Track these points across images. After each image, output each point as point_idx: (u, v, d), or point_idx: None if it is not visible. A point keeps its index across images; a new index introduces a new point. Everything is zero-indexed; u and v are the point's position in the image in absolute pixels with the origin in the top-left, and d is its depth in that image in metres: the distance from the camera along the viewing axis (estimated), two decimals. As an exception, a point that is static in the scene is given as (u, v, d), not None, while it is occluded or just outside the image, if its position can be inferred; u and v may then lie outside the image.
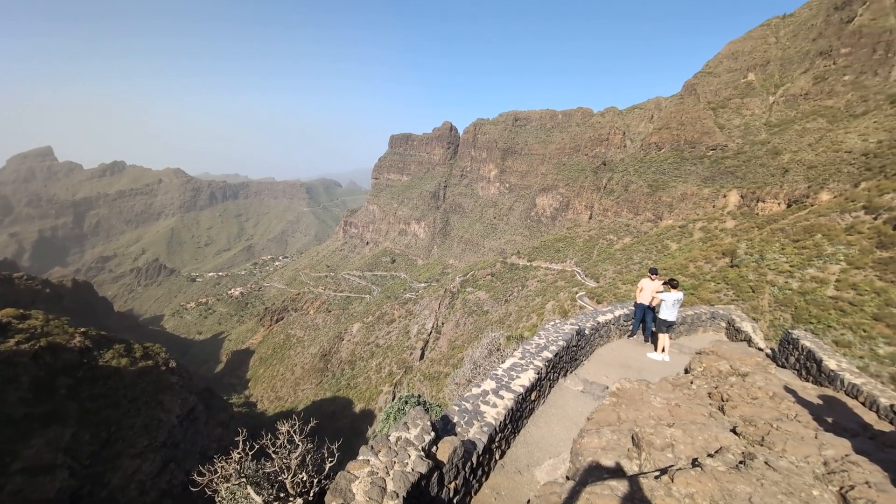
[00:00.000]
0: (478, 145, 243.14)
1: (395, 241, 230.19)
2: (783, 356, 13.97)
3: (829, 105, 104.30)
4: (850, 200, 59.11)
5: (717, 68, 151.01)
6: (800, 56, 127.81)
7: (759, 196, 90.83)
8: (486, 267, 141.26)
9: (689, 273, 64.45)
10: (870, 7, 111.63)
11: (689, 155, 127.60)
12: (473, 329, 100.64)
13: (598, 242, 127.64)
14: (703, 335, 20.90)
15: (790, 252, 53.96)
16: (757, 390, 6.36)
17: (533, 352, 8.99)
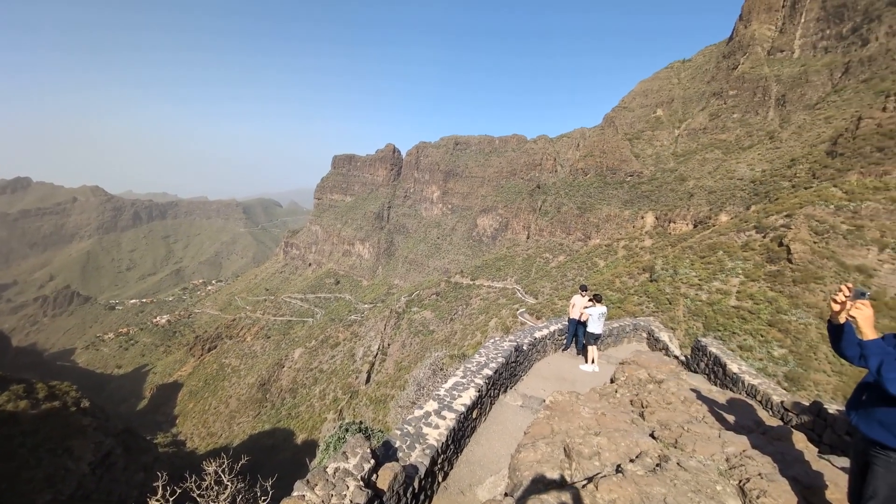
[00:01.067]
0: (421, 167, 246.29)
1: (339, 262, 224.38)
2: (695, 362, 15.16)
3: (723, 139, 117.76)
4: (743, 221, 66.49)
5: (631, 104, 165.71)
6: (698, 95, 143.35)
7: (671, 217, 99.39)
8: (431, 286, 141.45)
9: (616, 288, 68.58)
10: (749, 57, 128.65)
11: (612, 180, 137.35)
12: (419, 349, 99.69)
13: (535, 261, 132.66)
14: (628, 345, 22.03)
15: (698, 267, 59.18)
16: (671, 396, 6.89)
17: (474, 370, 9.08)
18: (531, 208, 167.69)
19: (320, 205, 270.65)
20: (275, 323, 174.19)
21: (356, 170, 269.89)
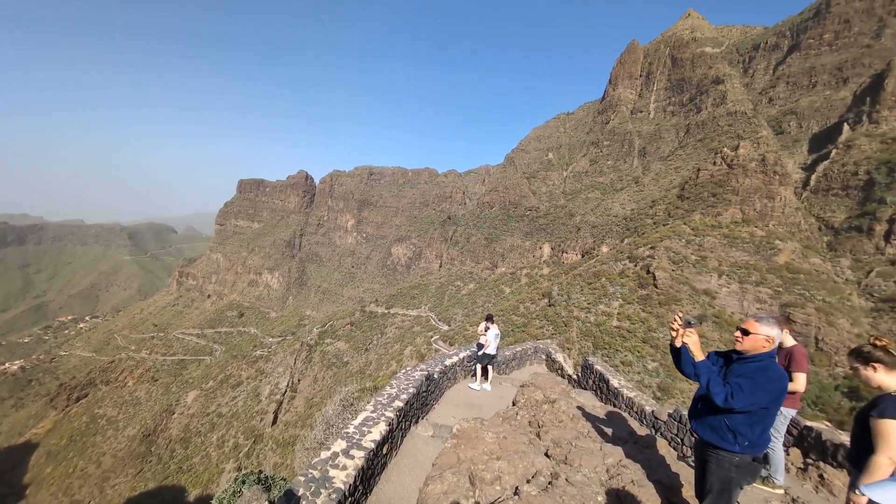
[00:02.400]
0: (335, 195, 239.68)
1: (244, 293, 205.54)
2: (585, 379, 16.45)
3: (601, 181, 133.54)
4: (619, 252, 75.22)
5: (527, 147, 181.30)
6: (580, 143, 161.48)
7: (564, 248, 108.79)
8: (346, 316, 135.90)
9: (521, 313, 72.28)
10: (617, 115, 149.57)
11: (514, 213, 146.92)
12: (333, 382, 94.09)
13: (448, 289, 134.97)
14: (530, 367, 23.09)
15: (587, 292, 65.01)
16: (562, 414, 7.43)
17: (385, 403, 8.85)
18: (443, 238, 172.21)
19: (223, 231, 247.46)
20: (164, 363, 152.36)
21: (265, 195, 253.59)
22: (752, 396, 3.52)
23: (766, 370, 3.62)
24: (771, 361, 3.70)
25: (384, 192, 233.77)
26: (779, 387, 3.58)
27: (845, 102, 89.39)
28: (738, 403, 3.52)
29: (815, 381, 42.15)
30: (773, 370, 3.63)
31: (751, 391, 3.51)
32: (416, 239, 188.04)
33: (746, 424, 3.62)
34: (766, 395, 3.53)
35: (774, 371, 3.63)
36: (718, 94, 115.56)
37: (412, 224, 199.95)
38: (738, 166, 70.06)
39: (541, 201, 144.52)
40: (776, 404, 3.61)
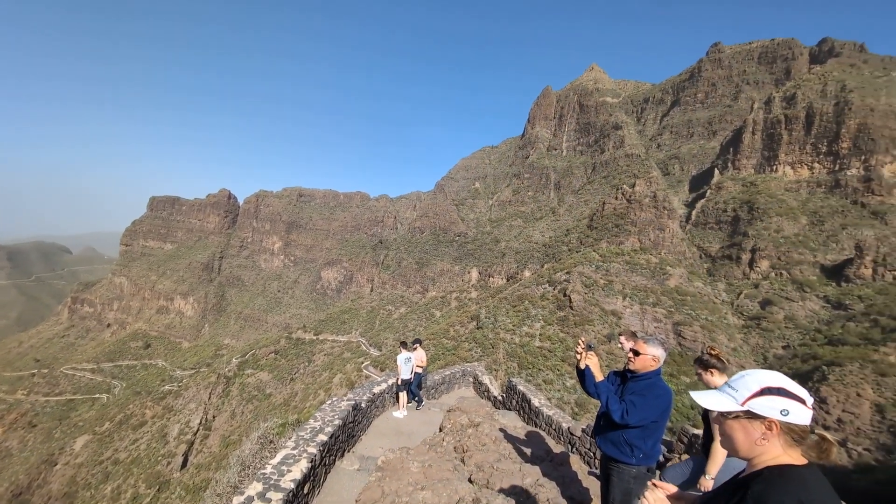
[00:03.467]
0: (261, 217, 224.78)
1: (152, 321, 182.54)
2: (509, 400, 16.78)
3: (523, 210, 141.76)
4: (540, 276, 79.48)
5: (456, 175, 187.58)
6: (503, 175, 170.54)
7: (490, 272, 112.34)
8: (270, 344, 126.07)
9: (451, 336, 72.52)
10: (535, 151, 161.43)
11: (443, 239, 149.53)
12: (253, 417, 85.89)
13: (379, 313, 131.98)
14: (458, 391, 23.00)
15: (512, 315, 67.31)
16: (485, 437, 7.54)
17: (308, 437, 8.21)
18: (374, 262, 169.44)
19: (129, 252, 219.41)
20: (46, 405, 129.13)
21: (181, 214, 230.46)
22: (643, 412, 3.80)
23: (654, 387, 3.94)
24: (658, 379, 4.02)
25: (314, 215, 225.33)
26: (665, 401, 3.91)
27: (715, 151, 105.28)
28: (632, 419, 3.81)
29: (691, 387, 47.18)
30: (659, 387, 3.95)
31: (642, 407, 3.80)
32: (348, 262, 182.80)
33: (640, 438, 3.94)
34: (655, 410, 3.88)
35: (661, 388, 3.95)
36: (618, 138, 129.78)
37: (343, 247, 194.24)
38: (635, 201, 78.38)
39: (469, 227, 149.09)
40: (664, 417, 3.96)
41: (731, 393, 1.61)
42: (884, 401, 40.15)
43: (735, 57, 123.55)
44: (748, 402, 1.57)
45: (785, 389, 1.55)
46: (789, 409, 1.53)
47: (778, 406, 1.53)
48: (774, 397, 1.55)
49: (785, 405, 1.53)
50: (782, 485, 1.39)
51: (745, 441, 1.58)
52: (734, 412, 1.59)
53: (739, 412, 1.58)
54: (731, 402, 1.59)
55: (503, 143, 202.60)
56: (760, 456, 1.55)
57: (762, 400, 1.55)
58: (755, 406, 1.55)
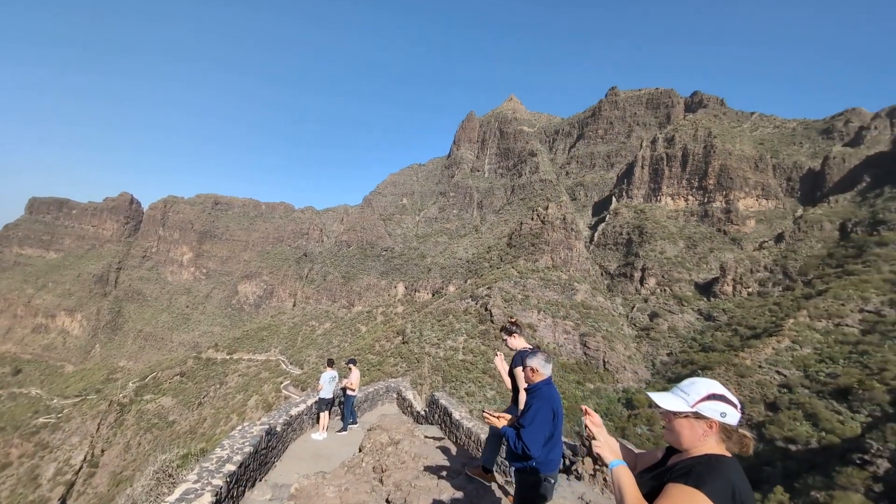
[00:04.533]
0: (169, 224, 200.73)
1: (25, 343, 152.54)
2: (431, 415, 16.86)
3: (448, 227, 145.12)
4: (464, 291, 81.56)
5: (384, 191, 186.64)
6: (430, 192, 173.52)
7: (416, 287, 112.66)
8: (175, 365, 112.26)
9: (376, 351, 70.93)
10: (460, 171, 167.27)
11: (370, 253, 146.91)
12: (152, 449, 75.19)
13: (301, 329, 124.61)
14: (382, 408, 22.50)
15: (437, 329, 67.94)
16: (405, 455, 7.58)
17: (213, 468, 7.44)
18: (298, 275, 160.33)
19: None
20: None
21: (70, 219, 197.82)
22: (535, 438, 3.94)
23: (540, 398, 4.14)
24: (547, 388, 4.20)
25: (232, 224, 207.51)
26: (547, 413, 4.03)
27: (613, 180, 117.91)
28: (534, 451, 3.95)
29: (604, 396, 51.61)
30: (543, 397, 4.11)
31: (533, 433, 3.93)
32: (268, 276, 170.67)
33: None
34: (545, 427, 4.01)
35: (544, 398, 4.12)
36: (534, 164, 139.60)
37: (264, 260, 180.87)
38: (548, 223, 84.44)
39: (396, 242, 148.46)
40: (557, 426, 4.12)
41: (682, 396, 1.90)
42: (743, 398, 47.28)
43: (628, 100, 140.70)
44: (697, 405, 1.86)
45: (724, 396, 1.87)
46: (727, 412, 1.84)
47: (719, 409, 1.84)
48: (717, 402, 1.85)
49: (724, 409, 1.85)
50: (719, 469, 1.71)
51: (689, 436, 1.87)
52: (685, 412, 1.87)
53: (689, 413, 1.86)
54: (683, 404, 1.87)
55: (430, 162, 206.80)
56: (699, 448, 1.86)
57: (708, 404, 1.85)
58: (702, 408, 1.85)
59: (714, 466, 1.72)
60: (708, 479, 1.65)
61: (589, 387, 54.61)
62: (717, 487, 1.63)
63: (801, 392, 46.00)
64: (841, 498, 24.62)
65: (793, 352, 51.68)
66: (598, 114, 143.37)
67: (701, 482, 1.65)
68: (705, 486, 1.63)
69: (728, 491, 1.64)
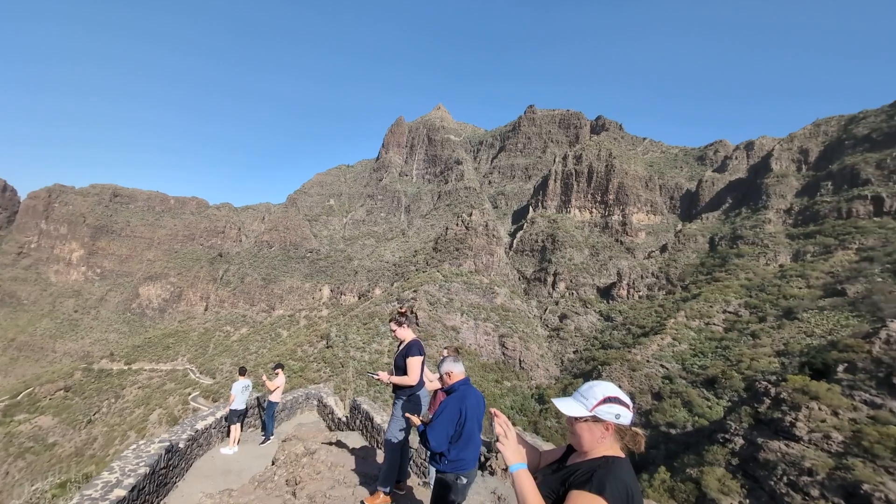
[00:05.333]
0: (54, 217, 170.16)
1: None
2: (353, 420, 16.50)
3: (376, 230, 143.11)
4: (390, 294, 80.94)
5: (310, 190, 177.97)
6: (358, 194, 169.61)
7: (342, 290, 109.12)
8: (58, 379, 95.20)
9: (298, 356, 67.22)
10: (388, 175, 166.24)
11: (294, 254, 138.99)
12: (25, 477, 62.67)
13: (214, 335, 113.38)
14: (301, 416, 21.38)
15: (362, 332, 66.51)
16: (320, 464, 7.34)
17: (98, 496, 6.51)
18: (211, 277, 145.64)
19: None
20: None
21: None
22: (439, 435, 3.97)
23: (452, 398, 4.18)
24: (463, 389, 4.23)
25: (134, 219, 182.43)
26: (456, 406, 4.04)
27: (530, 191, 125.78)
28: (435, 446, 3.99)
29: (519, 393, 54.57)
30: (455, 398, 4.15)
31: (438, 430, 3.97)
32: (176, 277, 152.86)
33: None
34: (450, 425, 4.01)
35: (456, 398, 4.15)
36: (459, 172, 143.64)
37: (171, 259, 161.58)
38: (472, 229, 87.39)
39: (322, 244, 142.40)
40: (469, 426, 4.08)
41: (582, 401, 1.96)
42: (634, 389, 53.03)
43: (544, 119, 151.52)
44: (595, 408, 1.92)
45: (619, 398, 1.94)
46: (621, 413, 1.92)
47: (614, 412, 1.91)
48: (612, 405, 1.92)
49: (618, 411, 1.92)
50: (615, 470, 1.79)
51: (589, 439, 1.94)
52: (584, 417, 1.93)
53: (588, 417, 1.93)
54: (582, 409, 1.94)
55: (359, 164, 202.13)
56: (597, 449, 1.93)
57: (604, 407, 1.92)
58: (599, 412, 1.91)
59: (612, 469, 1.80)
60: (608, 484, 1.72)
61: (506, 385, 57.40)
62: (615, 489, 1.71)
63: (680, 382, 53.03)
64: (708, 472, 27.69)
65: (673, 347, 59.49)
66: (518, 129, 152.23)
67: (602, 488, 1.71)
68: (606, 492, 1.69)
69: (624, 492, 1.73)
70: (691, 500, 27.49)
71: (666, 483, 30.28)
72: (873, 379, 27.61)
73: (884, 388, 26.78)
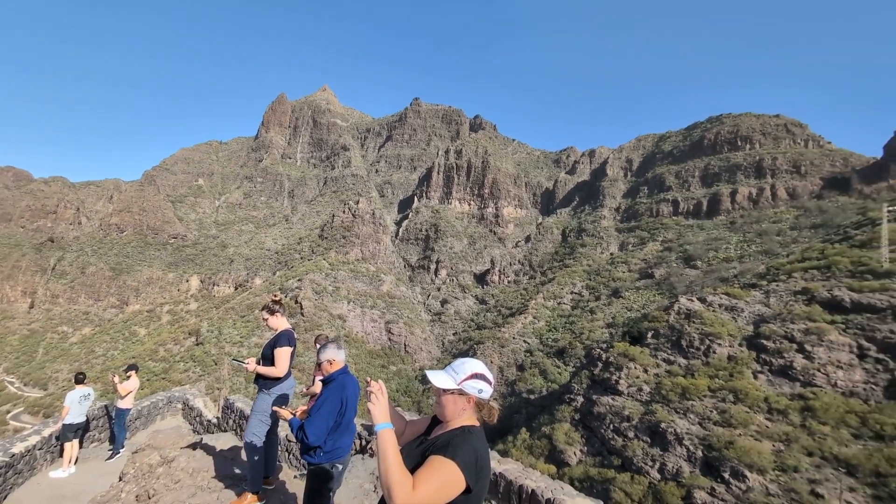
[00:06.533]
0: None
1: None
2: (226, 421, 15.58)
3: (255, 215, 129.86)
4: (272, 284, 75.35)
5: (173, 167, 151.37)
6: (234, 175, 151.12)
7: (215, 281, 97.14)
8: None
9: (160, 357, 58.54)
10: (269, 156, 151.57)
11: (153, 241, 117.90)
12: None
13: (45, 337, 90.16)
14: (162, 423, 19.33)
15: (240, 326, 60.97)
16: (180, 472, 6.64)
17: None
18: (39, 268, 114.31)
19: None
20: None
21: None
22: (318, 428, 3.72)
23: (333, 388, 3.91)
24: (342, 378, 3.98)
25: None
26: (338, 397, 3.84)
27: (415, 182, 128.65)
28: (313, 440, 3.73)
29: (405, 375, 56.87)
30: (336, 388, 3.90)
31: (316, 424, 3.71)
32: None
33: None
34: (331, 416, 3.80)
35: (337, 388, 3.90)
36: (346, 158, 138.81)
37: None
38: (358, 217, 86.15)
39: (189, 229, 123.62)
40: (347, 415, 3.93)
41: (452, 375, 2.06)
42: (502, 363, 59.56)
43: (429, 112, 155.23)
44: (462, 382, 2.02)
45: (484, 375, 2.04)
46: (483, 389, 2.02)
47: (478, 387, 2.02)
48: (477, 381, 2.03)
49: (481, 386, 2.02)
50: (469, 439, 1.93)
51: (452, 410, 2.04)
52: (452, 389, 2.04)
53: (455, 390, 2.03)
54: (451, 382, 2.03)
55: (234, 142, 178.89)
56: (458, 420, 2.05)
57: (471, 382, 2.02)
58: (465, 386, 2.01)
59: (466, 438, 1.94)
60: (460, 450, 1.86)
61: (392, 369, 59.23)
62: (466, 455, 1.85)
63: (538, 354, 61.06)
64: (558, 428, 32.17)
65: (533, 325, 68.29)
66: (405, 120, 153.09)
67: (455, 454, 1.83)
68: (458, 457, 1.82)
69: (472, 457, 1.87)
70: (545, 453, 31.18)
71: (526, 442, 34.27)
72: (669, 342, 35.34)
73: (676, 348, 34.80)
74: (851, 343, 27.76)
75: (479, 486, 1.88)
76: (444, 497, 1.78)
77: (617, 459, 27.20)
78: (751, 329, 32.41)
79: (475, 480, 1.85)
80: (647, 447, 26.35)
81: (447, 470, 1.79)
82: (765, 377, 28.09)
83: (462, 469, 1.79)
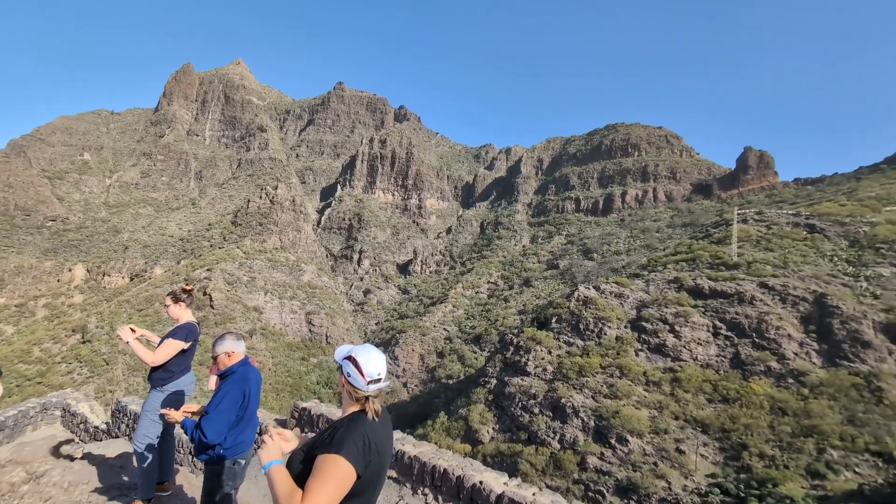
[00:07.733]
0: None
1: None
2: (117, 426, 14.67)
3: (155, 197, 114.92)
4: (175, 274, 68.44)
5: (50, 137, 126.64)
6: (129, 151, 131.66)
7: (105, 270, 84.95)
8: None
9: (35, 358, 50.64)
10: (173, 131, 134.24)
11: (24, 223, 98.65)
12: None
13: None
14: (35, 433, 17.46)
15: (137, 320, 54.84)
16: (52, 488, 5.78)
17: None
18: None
19: None
20: None
21: None
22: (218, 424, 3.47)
23: (232, 382, 3.66)
24: (242, 370, 3.75)
25: None
26: (239, 391, 3.60)
27: (339, 169, 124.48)
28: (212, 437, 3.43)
29: (326, 367, 56.24)
30: (236, 381, 3.66)
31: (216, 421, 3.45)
32: None
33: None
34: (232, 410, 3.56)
35: (237, 381, 3.66)
36: (263, 140, 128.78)
37: None
38: (277, 203, 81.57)
39: (72, 211, 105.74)
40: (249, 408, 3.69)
41: (344, 352, 2.01)
42: (424, 351, 61.94)
43: (353, 98, 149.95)
44: (342, 360, 1.99)
45: (356, 360, 1.95)
46: (351, 374, 1.94)
47: (347, 370, 1.96)
48: (348, 364, 1.96)
49: (350, 371, 1.95)
50: (353, 426, 1.85)
51: (339, 385, 2.03)
52: (337, 364, 2.01)
53: (339, 364, 2.00)
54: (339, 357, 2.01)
55: (129, 113, 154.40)
56: (348, 408, 1.99)
57: (346, 363, 1.97)
58: (344, 364, 1.98)
59: (349, 426, 1.84)
60: (345, 442, 1.74)
61: (313, 361, 58.30)
62: (351, 443, 1.74)
63: (457, 341, 64.12)
64: (473, 410, 34.75)
65: (453, 313, 71.60)
66: (328, 104, 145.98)
67: (339, 447, 1.72)
68: (343, 449, 1.71)
69: (360, 442, 1.76)
70: (462, 434, 33.43)
71: (444, 424, 36.38)
72: (570, 325, 39.12)
73: (575, 332, 38.83)
74: (708, 323, 34.83)
75: (370, 469, 1.83)
76: (341, 493, 1.74)
77: (524, 434, 30.36)
78: (634, 313, 38.62)
79: (364, 466, 1.79)
80: (550, 421, 30.11)
81: (335, 466, 1.73)
82: (644, 354, 34.07)
83: (350, 460, 1.73)
